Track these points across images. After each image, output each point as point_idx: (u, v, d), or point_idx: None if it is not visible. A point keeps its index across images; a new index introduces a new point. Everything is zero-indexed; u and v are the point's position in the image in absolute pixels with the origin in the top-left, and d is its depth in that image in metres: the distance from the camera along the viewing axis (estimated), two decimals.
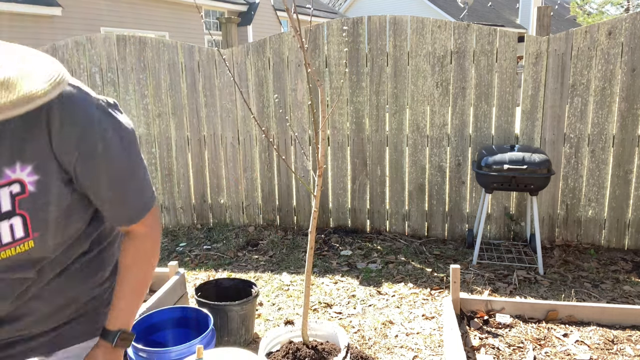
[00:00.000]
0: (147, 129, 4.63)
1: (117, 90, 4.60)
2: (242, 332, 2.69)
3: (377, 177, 4.34)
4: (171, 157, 4.67)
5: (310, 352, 2.18)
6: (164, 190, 4.73)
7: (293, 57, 4.29)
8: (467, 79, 4.00)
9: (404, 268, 3.73)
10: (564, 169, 3.96)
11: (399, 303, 3.21)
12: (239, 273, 3.74)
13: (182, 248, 4.27)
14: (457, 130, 4.10)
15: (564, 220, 4.04)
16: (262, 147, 4.53)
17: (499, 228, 4.16)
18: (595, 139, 3.86)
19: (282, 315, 3.10)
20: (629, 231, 3.94)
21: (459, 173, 4.17)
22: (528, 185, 3.50)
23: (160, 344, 2.39)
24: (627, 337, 2.26)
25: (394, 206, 4.36)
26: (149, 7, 12.45)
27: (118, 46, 4.52)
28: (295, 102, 4.37)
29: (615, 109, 3.79)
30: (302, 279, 3.62)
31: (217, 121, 4.54)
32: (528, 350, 2.18)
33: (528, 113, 3.94)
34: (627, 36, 3.67)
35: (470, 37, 3.94)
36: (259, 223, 4.67)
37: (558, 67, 3.82)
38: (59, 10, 10.02)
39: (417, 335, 2.83)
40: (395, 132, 4.23)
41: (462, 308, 2.50)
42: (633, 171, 3.85)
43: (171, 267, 2.81)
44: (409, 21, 4.03)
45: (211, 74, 4.46)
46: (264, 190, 4.60)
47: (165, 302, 2.59)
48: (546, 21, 3.88)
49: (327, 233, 4.40)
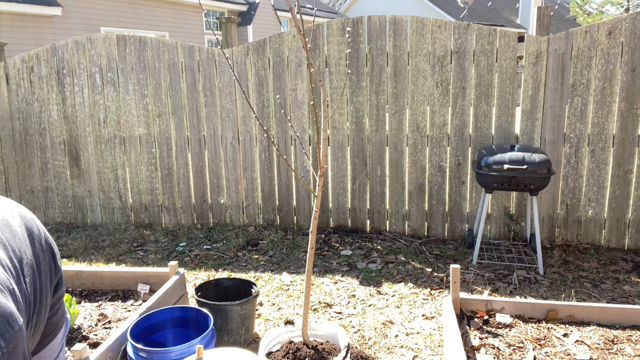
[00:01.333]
0: (147, 129, 4.63)
1: (117, 90, 4.60)
2: (242, 332, 2.69)
3: (377, 177, 4.34)
4: (171, 157, 4.67)
5: (311, 352, 2.18)
6: (164, 190, 4.73)
7: (293, 57, 4.29)
8: (467, 79, 4.01)
9: (404, 268, 3.73)
10: (564, 169, 3.96)
11: (399, 303, 3.21)
12: (239, 273, 3.74)
13: (182, 248, 4.27)
14: (457, 130, 4.10)
15: (564, 220, 4.04)
16: (262, 147, 4.53)
17: (499, 228, 4.16)
18: (595, 139, 3.86)
19: (282, 315, 3.10)
20: (629, 231, 3.94)
21: (459, 173, 4.17)
22: (528, 185, 3.50)
23: (160, 344, 2.39)
24: (627, 337, 2.26)
25: (394, 206, 4.36)
26: (149, 7, 12.45)
27: (118, 46, 4.52)
28: (295, 102, 4.37)
29: (615, 108, 3.79)
30: (302, 278, 3.62)
31: (217, 121, 4.54)
32: (528, 350, 2.18)
33: (528, 113, 3.94)
34: (627, 36, 3.67)
35: (470, 37, 3.94)
36: (259, 223, 4.67)
37: (558, 67, 3.83)
38: (59, 10, 10.02)
39: (417, 335, 2.83)
40: (395, 132, 4.23)
41: (462, 308, 2.50)
42: (633, 171, 3.85)
43: (171, 267, 2.81)
44: (409, 21, 4.03)
45: (211, 74, 4.46)
46: (264, 190, 4.60)
47: (165, 302, 2.59)
48: (546, 21, 3.88)
49: (327, 233, 4.40)
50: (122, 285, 2.95)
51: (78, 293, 2.95)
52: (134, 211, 4.82)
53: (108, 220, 4.87)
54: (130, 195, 4.79)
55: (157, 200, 4.77)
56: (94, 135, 4.72)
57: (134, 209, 4.81)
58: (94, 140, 4.73)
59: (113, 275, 2.95)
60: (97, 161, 4.76)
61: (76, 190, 4.86)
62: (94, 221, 4.90)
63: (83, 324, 2.57)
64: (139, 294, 2.88)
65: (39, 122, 4.80)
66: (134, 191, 4.78)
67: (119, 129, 4.67)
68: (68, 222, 4.95)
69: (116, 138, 4.69)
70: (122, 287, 2.96)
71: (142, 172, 4.74)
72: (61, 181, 4.87)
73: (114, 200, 4.81)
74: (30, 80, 4.74)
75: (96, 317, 2.65)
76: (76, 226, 4.89)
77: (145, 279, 2.90)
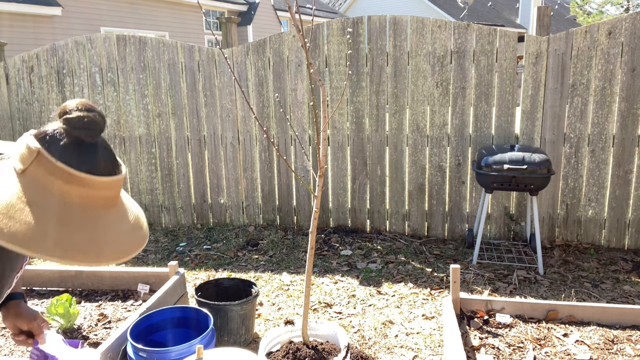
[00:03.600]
0: (147, 129, 4.63)
1: (117, 90, 4.60)
2: (242, 332, 2.69)
3: (377, 177, 4.34)
4: (171, 157, 4.67)
5: (311, 352, 2.18)
6: (164, 190, 4.74)
7: (293, 57, 4.29)
8: (467, 79, 4.01)
9: (404, 268, 3.73)
10: (564, 169, 3.96)
11: (399, 303, 3.21)
12: (239, 273, 3.74)
13: (182, 248, 4.27)
14: (457, 130, 4.10)
15: (564, 220, 4.04)
16: (262, 147, 4.53)
17: (499, 228, 4.16)
18: (595, 139, 3.86)
19: (282, 315, 3.10)
20: (629, 231, 3.94)
21: (459, 173, 4.17)
22: (528, 185, 3.50)
23: (160, 344, 2.39)
24: (627, 337, 2.27)
25: (394, 206, 4.36)
26: (149, 7, 12.45)
27: (118, 46, 4.52)
28: (295, 102, 4.37)
29: (615, 108, 3.79)
30: (302, 278, 3.62)
31: (217, 121, 4.54)
32: (528, 350, 2.18)
33: (528, 113, 3.94)
34: (627, 36, 3.67)
35: (470, 37, 3.94)
36: (259, 223, 4.67)
37: (558, 67, 3.83)
38: (59, 10, 10.02)
39: (417, 335, 2.83)
40: (395, 132, 4.23)
41: (462, 308, 2.50)
42: (633, 171, 3.85)
43: (171, 267, 2.81)
44: (409, 21, 4.03)
45: (211, 74, 4.46)
46: (264, 190, 4.60)
47: (165, 302, 2.59)
48: (546, 21, 3.88)
49: (327, 233, 4.40)
50: (122, 285, 2.95)
51: (78, 293, 2.95)
52: None
53: None
54: (130, 195, 4.79)
55: (157, 200, 4.77)
56: None
57: None
58: None
59: (113, 275, 2.95)
60: None
61: None
62: None
63: (83, 324, 2.58)
64: (139, 294, 2.89)
65: (39, 122, 4.80)
66: (134, 191, 4.78)
67: (119, 129, 4.67)
68: None
69: (116, 138, 4.69)
70: (122, 287, 2.96)
71: (142, 172, 4.74)
72: None
73: None
74: (30, 80, 4.74)
75: (96, 317, 2.65)
76: None
77: (145, 279, 2.90)
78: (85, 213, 0.96)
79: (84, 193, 0.95)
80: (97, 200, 0.98)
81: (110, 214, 1.01)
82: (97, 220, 0.98)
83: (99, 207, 0.98)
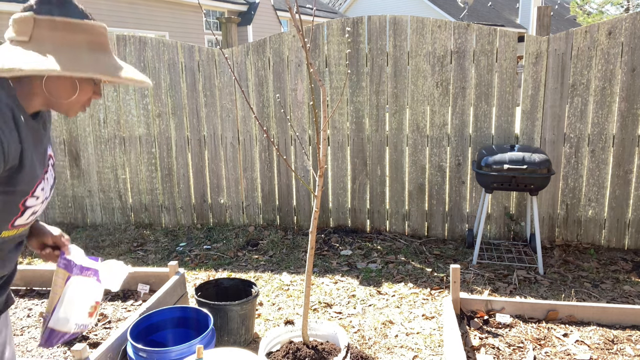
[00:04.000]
0: (147, 129, 4.63)
1: (117, 90, 4.60)
2: (242, 332, 2.69)
3: (377, 177, 4.34)
4: (171, 157, 4.67)
5: (311, 352, 2.18)
6: (164, 190, 4.73)
7: (293, 57, 4.29)
8: (467, 79, 4.01)
9: (404, 268, 3.73)
10: (564, 169, 3.96)
11: (399, 303, 3.21)
12: (239, 273, 3.74)
13: (182, 248, 4.27)
14: (457, 130, 4.10)
15: (564, 220, 4.04)
16: (262, 147, 4.53)
17: (499, 228, 4.16)
18: (595, 139, 3.86)
19: (282, 315, 3.10)
20: (629, 231, 3.94)
21: (459, 173, 4.17)
22: (528, 185, 3.50)
23: (160, 344, 2.39)
24: (627, 337, 2.27)
25: (394, 206, 4.36)
26: (149, 7, 12.45)
27: (118, 46, 4.52)
28: (295, 102, 4.37)
29: (615, 108, 3.79)
30: (302, 278, 3.62)
31: (217, 121, 4.54)
32: (528, 350, 2.18)
33: (528, 113, 3.94)
34: (627, 36, 3.67)
35: (470, 37, 3.94)
36: (259, 223, 4.67)
37: (558, 67, 3.83)
38: None
39: (417, 335, 2.83)
40: (395, 132, 4.23)
41: (462, 308, 2.50)
42: (633, 171, 3.85)
43: (171, 267, 2.81)
44: (409, 21, 4.03)
45: (211, 74, 4.46)
46: (264, 190, 4.60)
47: (165, 302, 2.59)
48: (546, 21, 3.88)
49: (327, 233, 4.40)
50: (122, 285, 2.95)
51: None
52: (134, 211, 4.82)
53: (108, 220, 4.87)
54: (130, 195, 4.79)
55: (157, 200, 4.77)
56: (94, 135, 4.72)
57: (134, 209, 4.81)
58: (94, 140, 4.73)
59: None
60: (97, 161, 4.76)
61: (76, 190, 4.86)
62: (94, 221, 4.90)
63: None
64: (139, 294, 2.89)
65: None
66: (134, 191, 4.78)
67: (119, 129, 4.67)
68: (68, 222, 4.94)
69: (116, 138, 4.69)
70: (122, 287, 2.95)
71: (142, 172, 4.74)
72: (61, 181, 4.87)
73: (114, 200, 4.81)
74: None
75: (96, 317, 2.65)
76: (76, 226, 4.89)
77: (145, 279, 2.90)
78: (96, 54, 1.18)
79: (87, 38, 1.17)
80: (99, 45, 1.20)
81: (113, 57, 1.25)
82: (109, 58, 1.22)
83: (102, 51, 1.21)
